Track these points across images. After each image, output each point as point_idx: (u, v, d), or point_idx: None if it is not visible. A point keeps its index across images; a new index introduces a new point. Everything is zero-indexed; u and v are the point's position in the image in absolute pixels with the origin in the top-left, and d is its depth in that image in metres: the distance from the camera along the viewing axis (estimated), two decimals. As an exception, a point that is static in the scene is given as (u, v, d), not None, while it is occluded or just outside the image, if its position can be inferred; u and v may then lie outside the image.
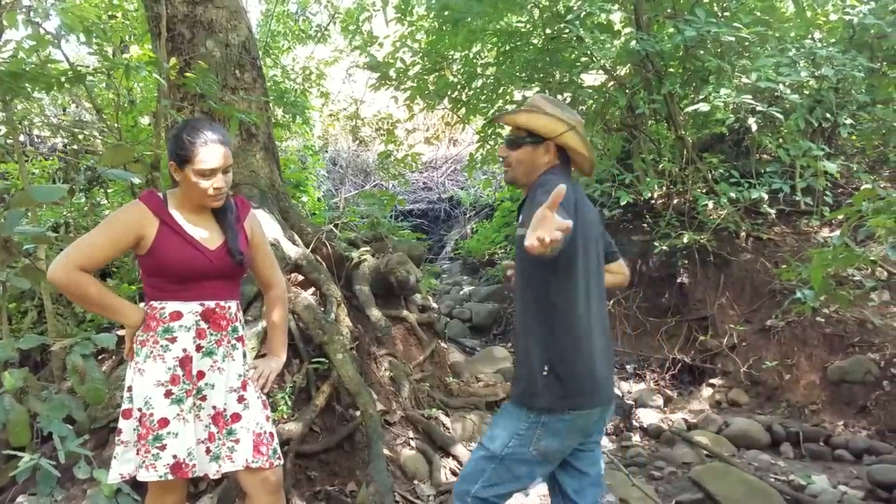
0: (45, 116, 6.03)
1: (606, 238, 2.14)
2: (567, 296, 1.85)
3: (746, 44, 5.17)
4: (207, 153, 1.83)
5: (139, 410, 1.85)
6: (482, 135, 7.35)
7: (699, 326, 5.61)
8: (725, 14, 5.60)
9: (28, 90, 3.26)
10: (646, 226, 6.20)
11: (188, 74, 3.70)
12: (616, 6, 5.99)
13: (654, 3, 5.80)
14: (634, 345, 5.86)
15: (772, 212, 5.53)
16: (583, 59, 6.04)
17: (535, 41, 6.67)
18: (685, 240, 5.41)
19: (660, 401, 4.99)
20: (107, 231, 1.85)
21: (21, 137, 4.84)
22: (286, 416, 3.19)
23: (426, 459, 3.48)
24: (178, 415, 1.85)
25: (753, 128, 5.24)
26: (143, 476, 1.83)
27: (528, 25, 6.75)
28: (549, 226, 1.32)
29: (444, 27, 6.59)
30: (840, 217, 4.64)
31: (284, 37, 9.59)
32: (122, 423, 1.88)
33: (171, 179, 1.93)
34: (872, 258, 3.51)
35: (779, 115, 4.92)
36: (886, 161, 6.02)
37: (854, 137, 5.86)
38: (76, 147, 4.67)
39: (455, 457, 3.59)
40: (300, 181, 7.23)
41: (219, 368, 1.93)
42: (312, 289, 3.89)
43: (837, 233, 3.62)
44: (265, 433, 1.96)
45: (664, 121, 6.41)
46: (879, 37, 5.23)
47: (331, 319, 3.57)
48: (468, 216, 11.91)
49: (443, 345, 5.04)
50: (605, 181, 6.06)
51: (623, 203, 5.77)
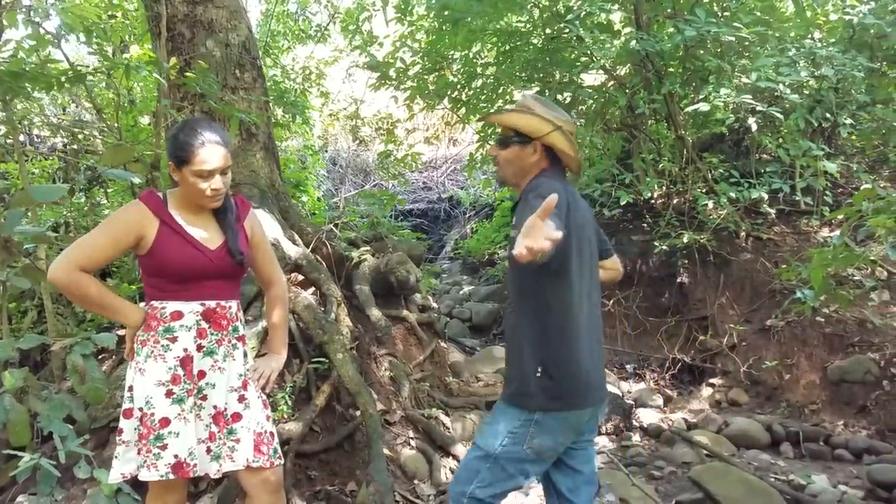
0: (45, 116, 6.03)
1: (601, 235, 2.14)
2: (561, 297, 1.85)
3: (746, 44, 5.16)
4: (205, 154, 1.82)
5: (140, 410, 1.85)
6: (482, 135, 7.35)
7: (699, 326, 5.61)
8: (725, 14, 5.60)
9: (28, 90, 3.26)
10: (646, 226, 6.20)
11: (188, 74, 3.70)
12: (616, 6, 5.99)
13: (654, 3, 5.79)
14: (634, 344, 5.86)
15: (772, 212, 5.53)
16: (583, 59, 6.04)
17: (535, 41, 6.66)
18: (685, 240, 5.41)
19: (660, 400, 4.99)
20: (107, 231, 1.85)
21: (21, 137, 4.84)
22: (286, 416, 3.19)
23: (426, 459, 3.49)
24: (180, 414, 1.85)
25: (753, 128, 5.24)
26: (145, 475, 1.83)
27: (528, 25, 6.74)
28: (539, 235, 1.33)
29: (444, 27, 6.58)
30: (840, 217, 4.64)
31: (284, 36, 9.59)
32: (123, 423, 1.88)
33: (171, 179, 1.93)
34: (872, 258, 3.50)
35: (779, 115, 4.91)
36: (886, 161, 6.02)
37: (854, 137, 5.86)
38: (76, 147, 4.67)
39: (455, 456, 3.59)
40: (300, 181, 7.22)
41: (220, 368, 1.93)
42: (312, 288, 3.89)
43: (837, 233, 3.62)
44: (266, 433, 1.97)
45: (664, 120, 6.41)
46: (879, 37, 5.22)
47: (331, 319, 3.57)
48: (468, 216, 11.92)
49: (443, 344, 5.04)
50: (605, 181, 6.06)
51: (623, 203, 5.77)
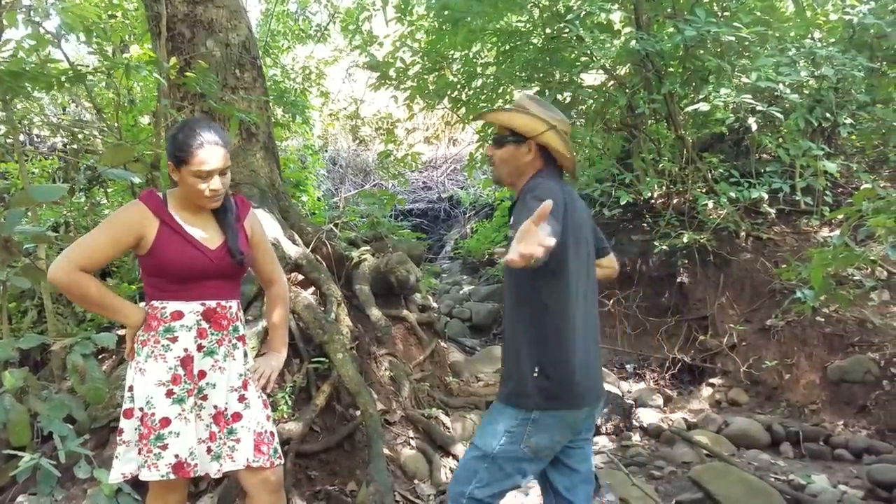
0: (45, 116, 6.02)
1: (598, 234, 2.15)
2: (558, 297, 1.85)
3: (746, 43, 5.16)
4: (204, 155, 1.82)
5: (141, 410, 1.85)
6: (482, 134, 7.35)
7: (699, 326, 5.61)
8: (725, 14, 5.60)
9: (28, 90, 3.26)
10: (646, 225, 6.20)
11: (188, 74, 3.70)
12: (616, 6, 5.99)
13: (654, 3, 5.79)
14: (634, 344, 5.87)
15: (772, 211, 5.53)
16: (583, 59, 6.04)
17: (535, 41, 6.66)
18: (685, 239, 5.41)
19: (660, 400, 4.99)
20: (107, 231, 1.85)
21: (21, 137, 4.84)
22: (286, 416, 3.19)
23: (426, 459, 3.49)
24: (180, 414, 1.85)
25: (753, 127, 5.24)
26: (146, 475, 1.83)
27: (528, 25, 6.74)
28: (532, 241, 1.33)
29: (444, 27, 6.58)
30: (840, 217, 4.64)
31: (284, 36, 9.59)
32: (124, 423, 1.88)
33: (170, 179, 1.93)
34: (872, 258, 3.50)
35: (779, 115, 4.91)
36: (886, 161, 6.02)
37: (854, 137, 5.86)
38: (76, 147, 4.67)
39: (455, 456, 3.59)
40: (300, 181, 7.22)
41: (220, 368, 1.93)
42: (312, 288, 3.89)
43: (837, 232, 3.62)
44: (266, 432, 1.97)
45: (664, 120, 6.41)
46: (879, 37, 5.22)
47: (331, 319, 3.57)
48: (468, 216, 11.92)
49: (443, 344, 5.04)
50: (605, 181, 6.05)
51: (623, 203, 5.77)
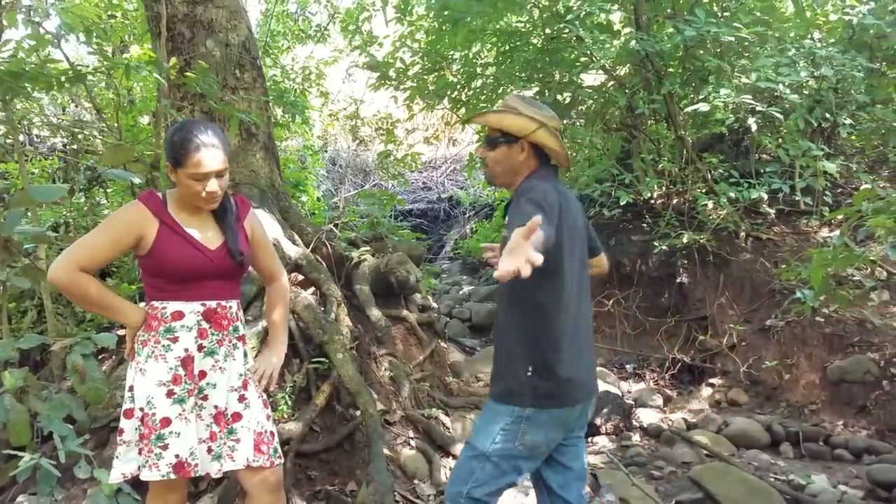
0: (45, 116, 6.02)
1: (590, 233, 2.17)
2: (553, 296, 1.86)
3: (746, 44, 5.16)
4: (200, 157, 1.81)
5: (141, 410, 1.85)
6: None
7: (699, 326, 5.62)
8: (725, 14, 5.60)
9: (28, 90, 3.26)
10: (645, 226, 6.20)
11: (188, 74, 3.70)
12: (616, 6, 5.99)
13: (654, 3, 5.79)
14: (634, 344, 5.87)
15: (771, 212, 5.53)
16: (583, 59, 6.04)
17: (535, 41, 6.67)
18: (685, 240, 5.41)
19: (659, 400, 4.99)
20: (107, 231, 1.85)
21: (21, 137, 4.84)
22: (286, 416, 3.19)
23: (426, 459, 3.49)
24: (181, 414, 1.85)
25: (753, 128, 5.24)
26: (146, 475, 1.83)
27: (528, 25, 6.74)
28: (520, 257, 1.32)
29: (444, 27, 6.58)
30: (840, 217, 4.64)
31: (284, 36, 9.59)
32: (124, 423, 1.88)
33: (170, 180, 1.93)
34: (872, 258, 3.51)
35: (778, 115, 4.92)
36: (886, 161, 6.02)
37: (853, 137, 5.87)
38: (76, 147, 4.67)
39: (455, 456, 3.59)
40: (300, 181, 7.22)
41: (220, 368, 1.93)
42: (312, 288, 3.89)
43: (837, 233, 3.62)
44: (266, 432, 1.97)
45: (664, 121, 6.41)
46: (879, 37, 5.22)
47: (331, 319, 3.57)
48: (468, 216, 11.92)
49: (443, 344, 5.04)
50: (605, 181, 6.06)
51: (623, 203, 5.77)
